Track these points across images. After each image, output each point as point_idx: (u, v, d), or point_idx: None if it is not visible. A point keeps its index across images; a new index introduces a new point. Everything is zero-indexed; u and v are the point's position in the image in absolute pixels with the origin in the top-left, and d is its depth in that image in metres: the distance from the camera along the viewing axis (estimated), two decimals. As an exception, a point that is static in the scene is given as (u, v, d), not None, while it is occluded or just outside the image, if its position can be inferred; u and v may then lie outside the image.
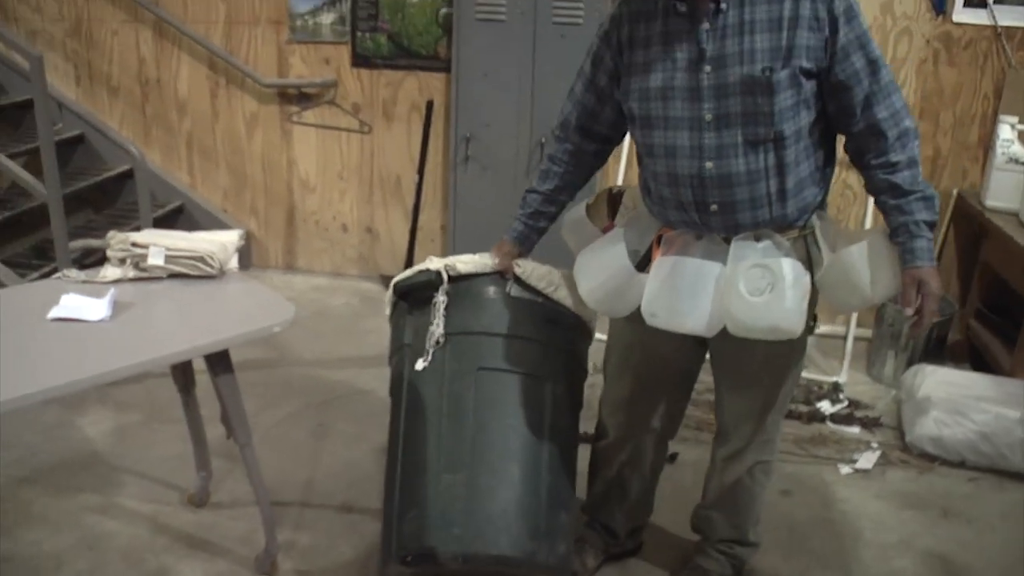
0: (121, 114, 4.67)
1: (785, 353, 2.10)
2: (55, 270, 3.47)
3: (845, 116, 1.89)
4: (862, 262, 1.93)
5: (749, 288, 1.92)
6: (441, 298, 2.21)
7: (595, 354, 2.46)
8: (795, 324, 1.92)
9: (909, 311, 1.90)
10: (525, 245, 2.27)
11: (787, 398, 2.22)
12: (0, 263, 3.60)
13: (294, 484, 2.83)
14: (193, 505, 2.70)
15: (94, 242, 3.15)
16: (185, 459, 2.83)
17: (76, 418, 3.18)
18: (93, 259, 3.61)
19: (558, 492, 2.15)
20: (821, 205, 2.05)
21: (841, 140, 2.01)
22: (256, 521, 2.49)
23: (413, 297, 2.32)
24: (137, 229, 2.61)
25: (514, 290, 2.24)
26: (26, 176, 3.44)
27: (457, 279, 2.23)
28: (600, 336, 2.42)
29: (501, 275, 2.24)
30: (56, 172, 3.30)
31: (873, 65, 1.84)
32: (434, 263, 2.26)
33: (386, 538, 2.15)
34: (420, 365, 2.19)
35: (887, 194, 1.90)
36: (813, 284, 1.99)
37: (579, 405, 2.35)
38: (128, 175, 4.60)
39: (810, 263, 2.00)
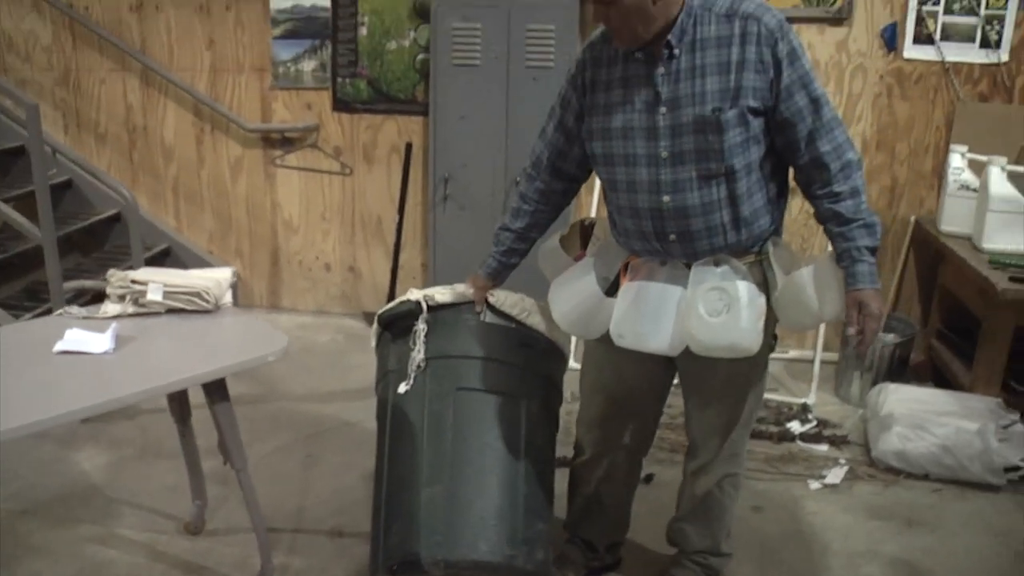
0: (109, 160, 4.81)
1: (746, 371, 2.25)
2: (48, 311, 3.58)
3: (791, 150, 2.05)
4: (811, 284, 2.09)
5: (708, 309, 2.08)
6: (421, 326, 2.36)
7: (573, 382, 2.60)
8: (751, 342, 2.08)
9: (851, 331, 2.06)
10: (498, 280, 2.42)
11: (752, 414, 2.36)
12: (-5, 305, 3.71)
13: (286, 511, 2.94)
14: (189, 533, 2.80)
15: (88, 283, 3.28)
16: (179, 490, 2.95)
17: (71, 454, 3.28)
18: (83, 300, 3.71)
19: (535, 502, 2.29)
20: (776, 232, 2.20)
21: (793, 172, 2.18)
22: (250, 547, 2.61)
23: (396, 327, 2.47)
24: (130, 269, 2.74)
25: (488, 317, 2.40)
26: (21, 219, 3.57)
27: (435, 308, 2.39)
28: (575, 365, 2.56)
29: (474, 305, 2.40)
30: (51, 215, 3.44)
31: (815, 103, 2.00)
32: (414, 294, 2.41)
33: (373, 551, 2.28)
34: (403, 388, 2.34)
35: (832, 222, 2.06)
36: (770, 305, 2.15)
37: (555, 423, 2.49)
38: (115, 219, 4.73)
39: (766, 286, 2.15)
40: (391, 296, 4.56)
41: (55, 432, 3.36)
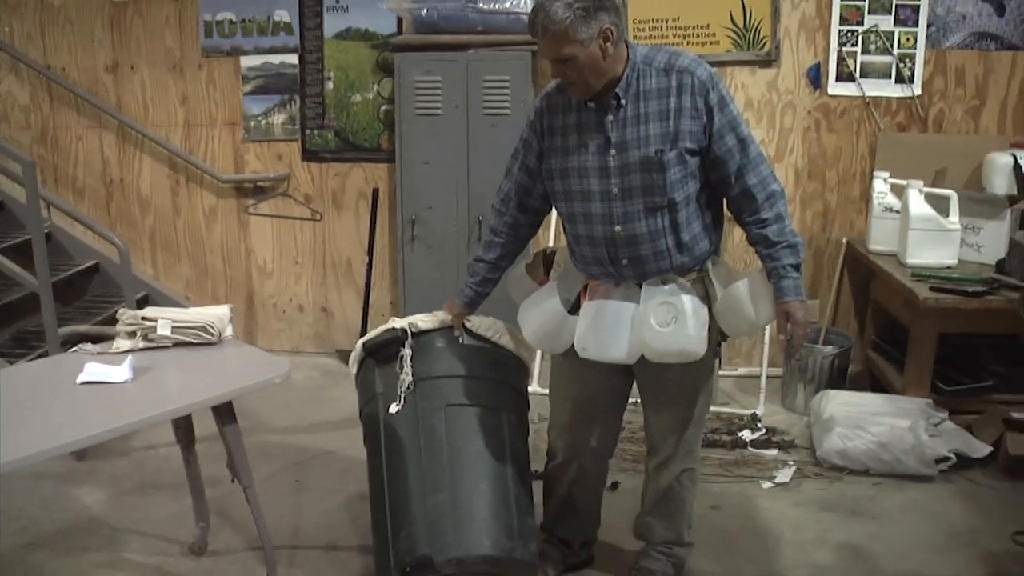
0: (86, 213, 4.98)
1: (695, 375, 2.55)
2: (43, 356, 3.76)
3: (723, 184, 2.38)
4: (746, 295, 2.41)
5: (658, 321, 2.39)
6: (407, 351, 2.62)
7: (539, 405, 2.87)
8: (698, 347, 2.39)
9: (782, 337, 2.39)
10: (474, 307, 2.72)
11: (703, 413, 2.66)
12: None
13: (282, 531, 3.15)
14: (193, 554, 3.00)
15: (81, 328, 3.51)
16: (179, 517, 3.17)
17: (72, 490, 3.46)
18: (70, 346, 3.90)
19: (522, 501, 2.58)
20: (715, 252, 2.52)
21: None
22: (251, 564, 2.86)
23: (380, 353, 2.73)
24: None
25: (465, 339, 2.68)
26: (17, 269, 3.77)
27: (418, 334, 2.66)
28: (541, 389, 2.84)
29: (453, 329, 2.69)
30: (46, 265, 3.65)
31: (743, 143, 2.34)
32: (398, 322, 2.68)
33: (382, 558, 2.51)
34: (394, 408, 2.60)
35: (760, 245, 2.39)
36: (712, 315, 2.45)
37: (527, 429, 2.79)
38: (93, 270, 4.94)
39: (708, 299, 2.46)
40: (363, 334, 4.76)
41: (53, 471, 3.54)
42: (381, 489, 2.59)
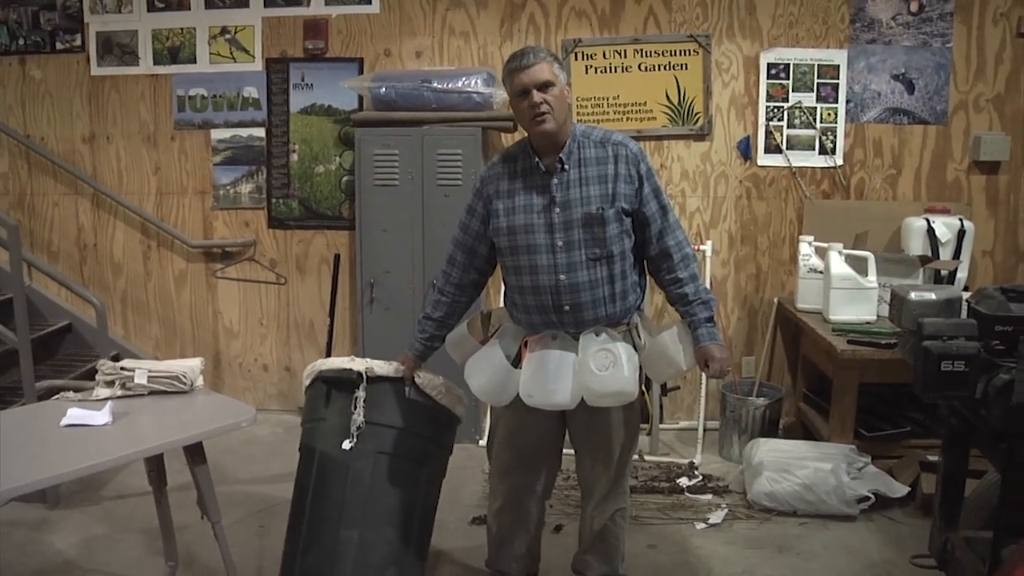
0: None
1: (629, 418, 2.84)
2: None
3: (646, 243, 2.71)
4: (670, 344, 2.71)
5: (597, 366, 2.67)
6: (361, 394, 2.86)
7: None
8: (632, 387, 2.67)
9: (706, 373, 2.71)
10: (423, 359, 2.96)
11: (631, 455, 2.93)
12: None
13: (247, 570, 3.35)
14: (162, 592, 3.20)
15: (58, 382, 3.72)
16: (148, 559, 3.36)
17: (44, 536, 3.63)
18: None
19: (421, 551, 2.95)
20: (639, 307, 2.82)
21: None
22: (218, 599, 3.02)
23: (334, 383, 2.94)
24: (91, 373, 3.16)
25: (412, 393, 2.92)
26: (-1, 326, 3.98)
27: (372, 380, 2.89)
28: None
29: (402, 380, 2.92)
30: (26, 322, 3.85)
31: (663, 209, 2.69)
32: (356, 364, 2.91)
33: (289, 561, 2.89)
34: (347, 445, 2.82)
35: (679, 303, 2.73)
36: (640, 363, 2.74)
37: (443, 476, 3.08)
38: (66, 330, 5.15)
39: (635, 348, 2.76)
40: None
41: (26, 519, 3.72)
42: (303, 503, 2.87)
